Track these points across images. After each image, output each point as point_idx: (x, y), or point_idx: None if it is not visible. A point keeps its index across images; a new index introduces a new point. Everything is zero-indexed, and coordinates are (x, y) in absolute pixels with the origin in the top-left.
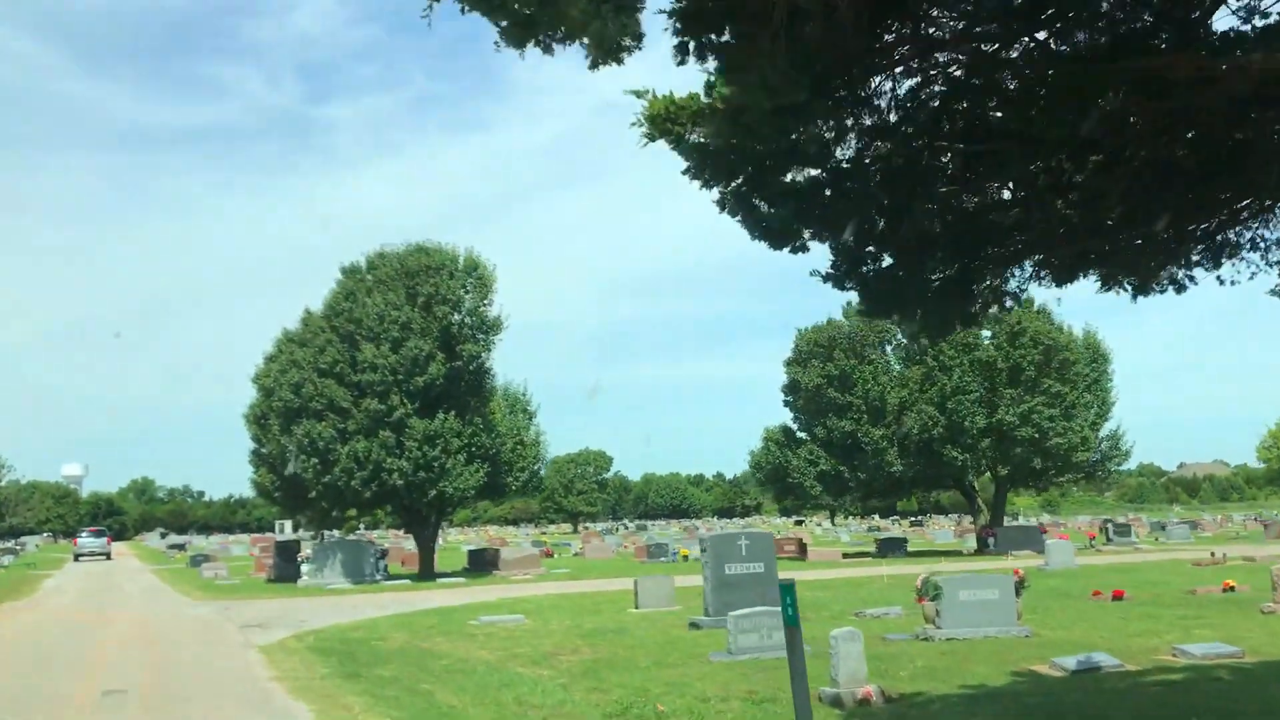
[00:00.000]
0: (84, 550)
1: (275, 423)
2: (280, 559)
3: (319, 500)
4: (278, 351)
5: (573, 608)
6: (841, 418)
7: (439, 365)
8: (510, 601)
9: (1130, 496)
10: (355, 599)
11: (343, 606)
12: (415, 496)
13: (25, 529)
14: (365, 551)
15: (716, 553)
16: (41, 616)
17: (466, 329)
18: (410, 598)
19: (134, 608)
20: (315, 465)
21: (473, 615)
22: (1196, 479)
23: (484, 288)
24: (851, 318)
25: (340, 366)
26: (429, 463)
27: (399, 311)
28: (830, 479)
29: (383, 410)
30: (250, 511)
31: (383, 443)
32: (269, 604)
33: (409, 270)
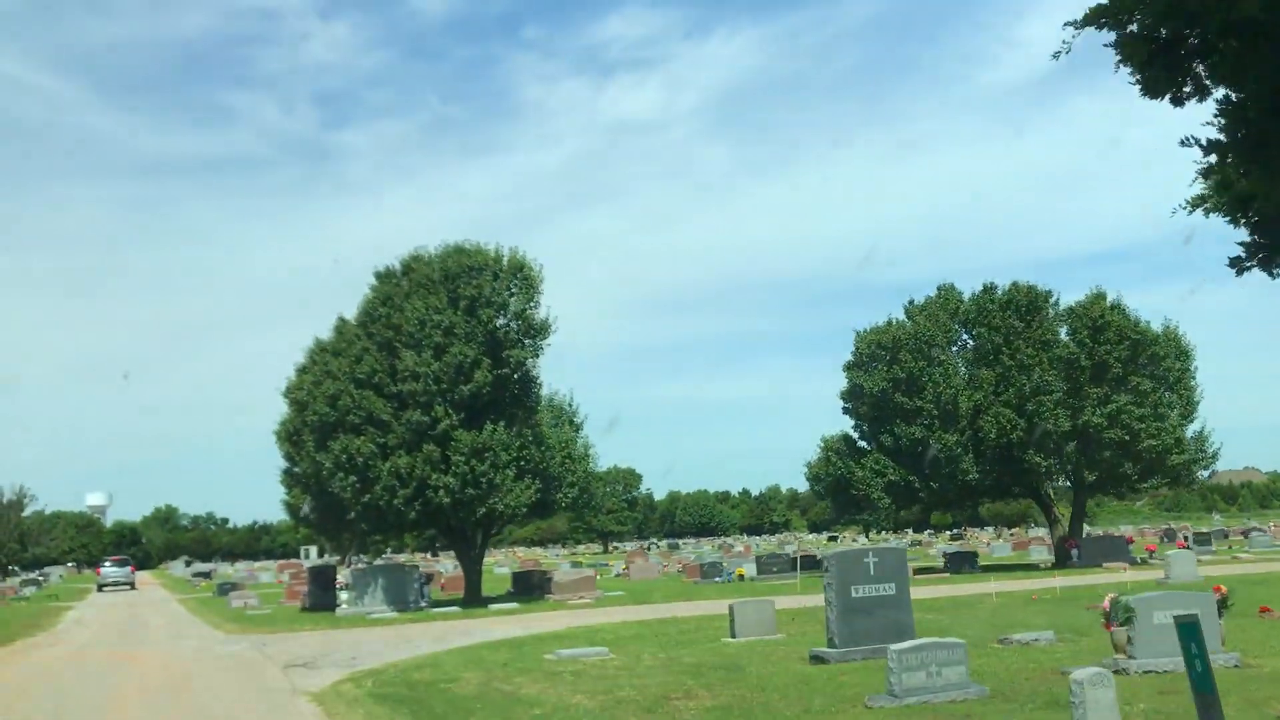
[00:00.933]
0: (107, 580)
1: (309, 439)
2: (315, 586)
3: (358, 521)
4: (310, 363)
5: (657, 637)
6: (910, 424)
7: (485, 372)
8: (582, 631)
9: (1167, 505)
10: (404, 629)
11: (394, 639)
12: (463, 515)
13: (49, 559)
14: (408, 576)
15: (842, 573)
16: (58, 655)
17: (513, 333)
18: (466, 627)
19: (160, 643)
20: (354, 483)
21: (547, 648)
22: (1233, 486)
23: (530, 289)
24: (915, 316)
25: (379, 376)
26: (477, 478)
27: (441, 316)
28: (899, 489)
29: (426, 422)
30: (274, 538)
31: (427, 457)
32: (310, 637)
33: (449, 273)
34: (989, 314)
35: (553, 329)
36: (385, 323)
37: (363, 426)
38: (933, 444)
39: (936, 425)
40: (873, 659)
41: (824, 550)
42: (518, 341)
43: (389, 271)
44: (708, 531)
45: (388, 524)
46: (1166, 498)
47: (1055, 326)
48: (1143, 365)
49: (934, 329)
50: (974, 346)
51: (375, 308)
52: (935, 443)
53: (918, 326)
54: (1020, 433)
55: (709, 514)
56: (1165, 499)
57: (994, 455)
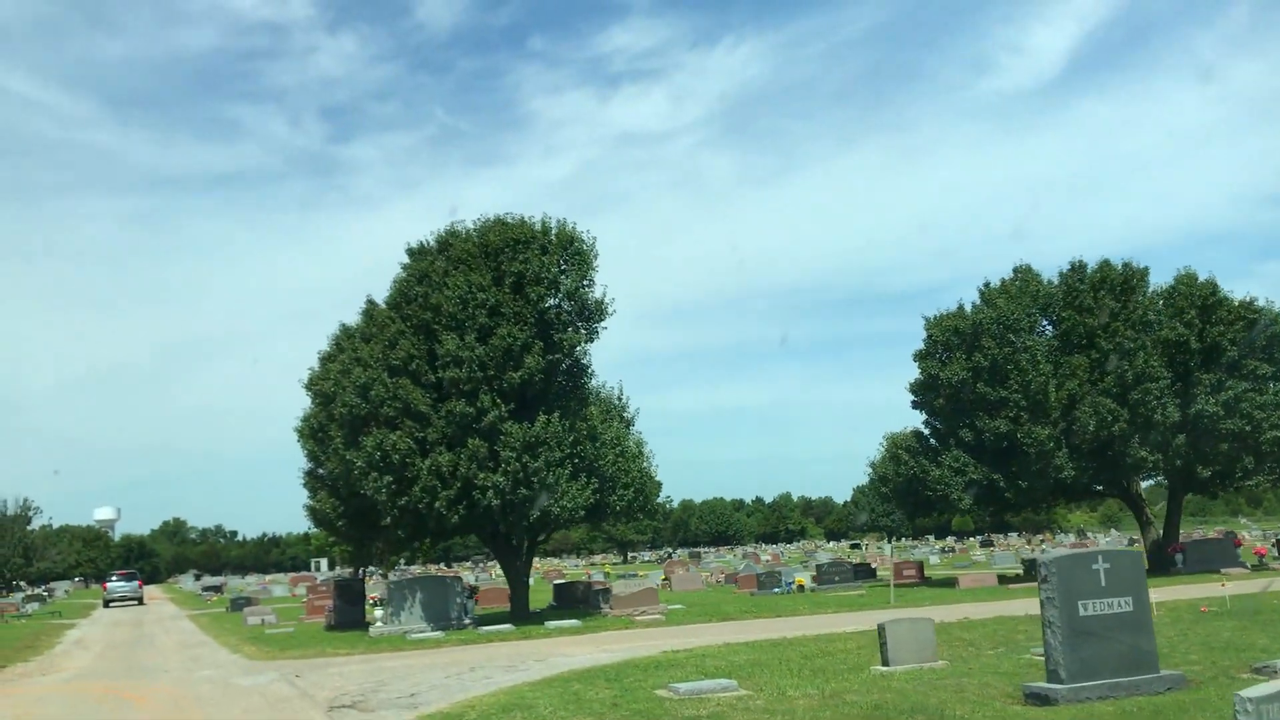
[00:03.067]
0: (114, 595)
1: (337, 435)
2: (342, 601)
3: (394, 527)
4: (336, 350)
5: (781, 665)
6: (994, 416)
7: (536, 357)
8: (684, 657)
9: (1191, 509)
10: (458, 653)
11: (451, 666)
12: (513, 519)
13: (55, 574)
14: (450, 590)
15: (1066, 583)
16: (49, 690)
17: (565, 315)
18: (531, 650)
19: (170, 672)
20: (389, 484)
21: (654, 680)
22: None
23: (583, 266)
24: (995, 299)
25: (416, 363)
26: (529, 477)
27: (485, 294)
28: (982, 489)
29: (471, 413)
30: (284, 550)
31: (472, 453)
32: (348, 664)
33: (491, 247)
34: (1079, 295)
35: (609, 311)
36: (422, 303)
37: (398, 420)
38: (1021, 438)
39: (1025, 418)
40: (1112, 698)
41: (1040, 554)
42: (570, 324)
43: (423, 248)
44: (724, 540)
45: (427, 529)
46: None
47: (1155, 306)
48: (1261, 349)
49: (1018, 311)
50: (1063, 331)
51: (410, 287)
52: (1024, 437)
53: (999, 310)
54: (1123, 424)
55: (725, 522)
56: (1189, 503)
57: (1091, 450)
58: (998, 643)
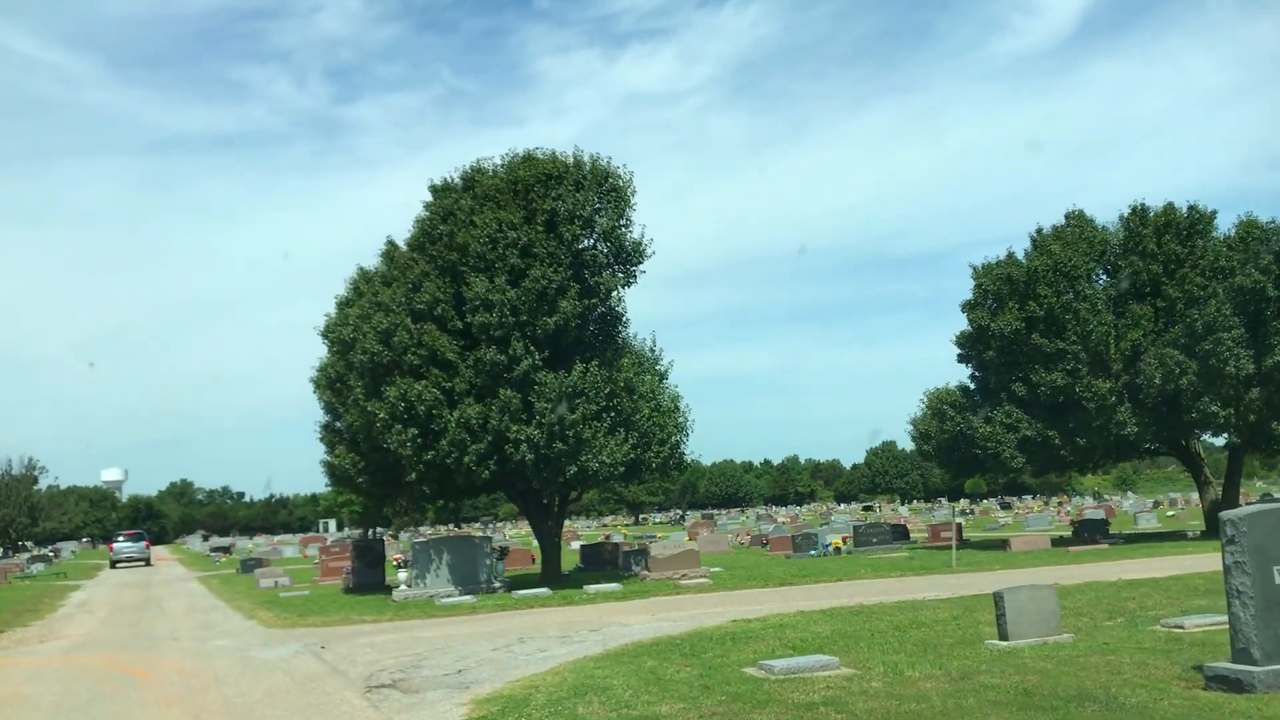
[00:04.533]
0: (120, 556)
1: (357, 385)
2: (361, 563)
3: (419, 484)
4: (354, 294)
5: (875, 637)
6: (1051, 369)
7: (571, 301)
8: (759, 628)
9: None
10: (496, 620)
11: (494, 635)
12: (547, 475)
13: (62, 534)
14: (478, 551)
15: (1259, 544)
16: (45, 662)
17: (601, 257)
18: (577, 617)
19: (180, 642)
20: (415, 437)
21: (736, 654)
22: None
23: (620, 203)
24: (1049, 245)
25: (442, 308)
26: (565, 430)
27: (516, 233)
28: (1035, 447)
29: (502, 362)
30: (292, 511)
31: (504, 404)
32: (380, 634)
33: (521, 184)
34: (1141, 239)
35: (648, 253)
36: (447, 243)
37: (423, 368)
38: (1080, 392)
39: (1084, 370)
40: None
41: (1235, 513)
42: (606, 266)
43: (447, 185)
44: (733, 502)
45: (455, 486)
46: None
47: (1225, 252)
48: None
49: (1075, 258)
50: (1125, 278)
51: (434, 226)
52: (1083, 391)
53: (1054, 257)
54: (1191, 377)
55: (734, 484)
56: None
57: (1156, 404)
58: (1111, 612)
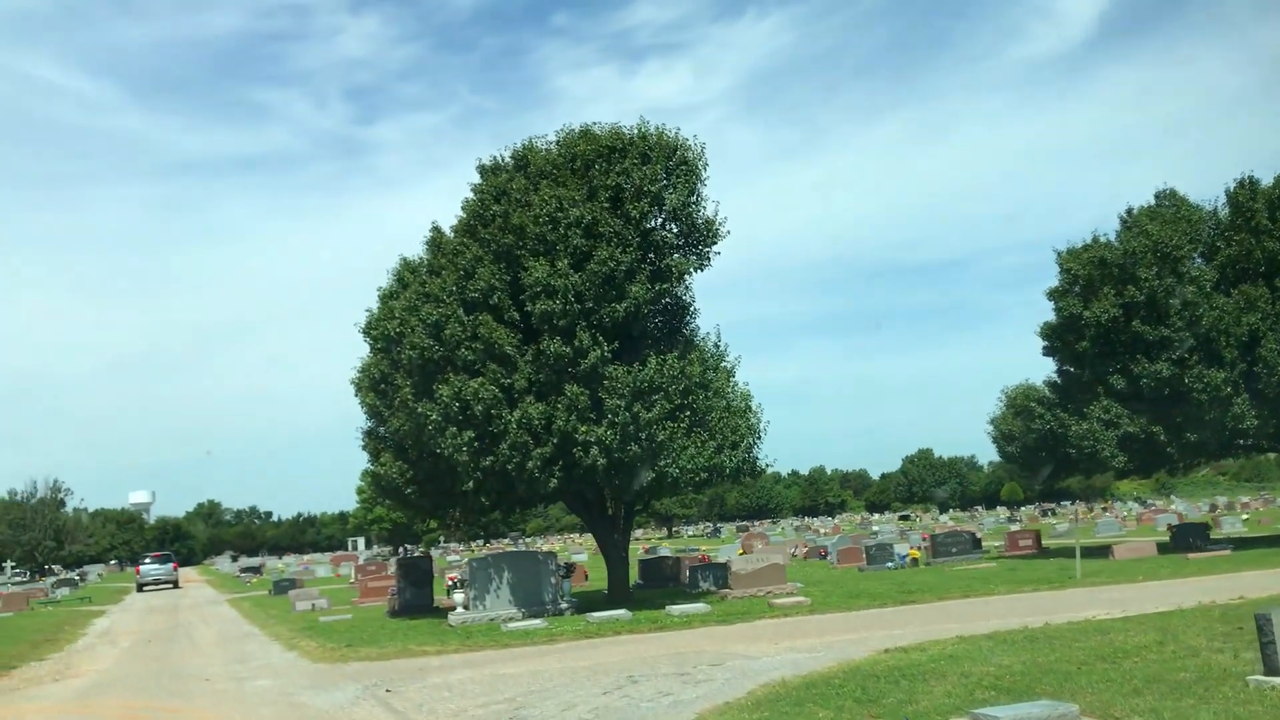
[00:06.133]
0: (147, 579)
1: (405, 384)
2: (408, 583)
3: (476, 493)
4: (398, 286)
5: (1081, 669)
6: (1154, 359)
7: (642, 285)
8: (926, 660)
9: (1247, 475)
10: (587, 652)
11: (597, 675)
12: (621, 482)
13: (89, 557)
14: (542, 568)
15: None
16: (49, 712)
17: (670, 237)
18: (691, 649)
19: (214, 680)
20: (471, 440)
21: (925, 697)
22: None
23: (690, 178)
24: (1145, 225)
25: (498, 296)
26: (639, 431)
27: (579, 210)
28: (1139, 444)
29: (567, 354)
30: (319, 530)
31: (571, 402)
32: (452, 672)
33: (581, 159)
34: (1252, 214)
35: (722, 233)
36: (501, 225)
37: (479, 364)
38: (1190, 383)
39: (1194, 359)
40: None
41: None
42: (676, 247)
43: (497, 164)
44: (764, 514)
45: (515, 495)
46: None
47: None
48: None
49: (1176, 237)
50: (1230, 257)
51: (485, 207)
52: (1193, 381)
53: (1153, 237)
54: None
55: (764, 495)
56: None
57: (1278, 395)
58: None
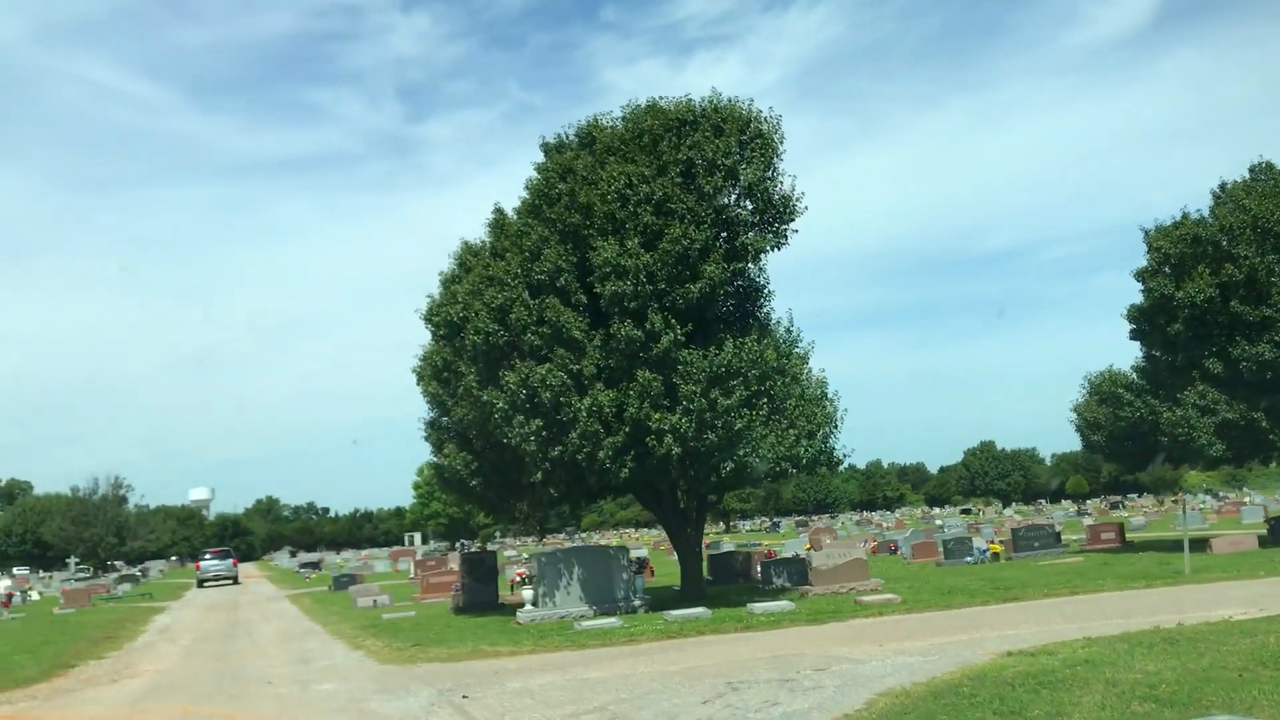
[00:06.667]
0: (207, 575)
1: (469, 372)
2: (472, 579)
3: (544, 485)
4: (460, 270)
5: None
6: (1255, 341)
7: (716, 265)
8: (1060, 666)
9: None
10: (673, 654)
11: (692, 679)
12: (697, 473)
13: (150, 553)
14: (614, 563)
15: None
16: (103, 717)
17: (745, 214)
18: (780, 649)
19: (277, 683)
20: (539, 429)
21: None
22: None
23: (766, 152)
24: (1241, 199)
25: (565, 278)
26: (716, 418)
27: (649, 186)
28: (1238, 431)
29: (639, 338)
30: (376, 525)
31: (644, 388)
32: (528, 673)
33: (649, 134)
34: None
35: (799, 209)
36: (568, 203)
37: (547, 349)
38: None
39: None
40: None
41: None
42: (752, 225)
43: (561, 142)
44: (822, 508)
45: (585, 486)
46: None
47: None
48: None
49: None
50: None
51: (550, 185)
52: None
53: (1250, 212)
54: None
55: (822, 490)
56: None
57: None
58: None
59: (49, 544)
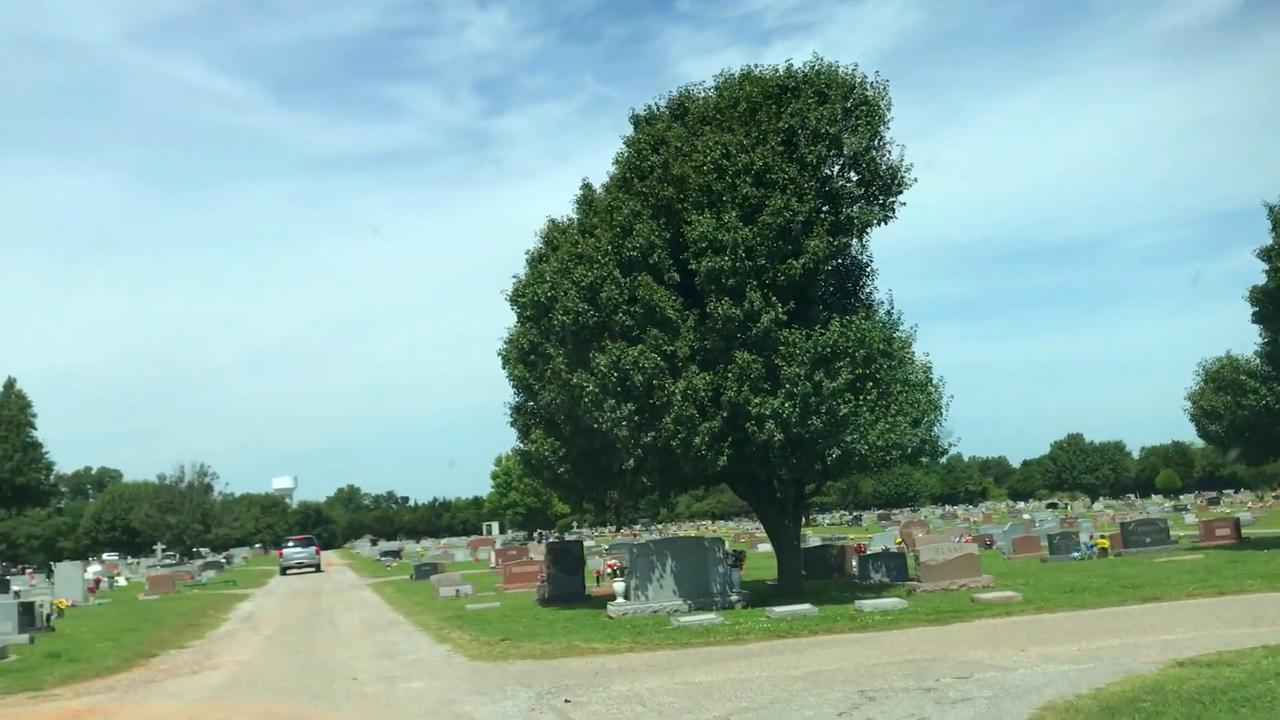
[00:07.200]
0: (290, 562)
1: (558, 354)
2: (558, 569)
3: (637, 472)
4: (547, 249)
5: None
6: None
7: (820, 239)
8: (1242, 677)
9: None
10: (787, 656)
11: (817, 686)
12: (800, 461)
13: (235, 540)
14: (709, 556)
15: None
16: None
17: (850, 186)
18: (908, 653)
19: (361, 679)
20: (631, 414)
21: None
22: None
23: (873, 120)
24: None
25: (657, 254)
26: (821, 403)
27: (748, 156)
28: None
29: (737, 317)
30: (454, 514)
31: (742, 370)
32: (631, 674)
33: (746, 102)
34: None
35: (907, 181)
36: (660, 176)
37: (639, 330)
38: None
39: None
40: None
41: None
42: (856, 198)
43: (653, 114)
44: (902, 501)
45: (679, 475)
46: None
47: None
48: None
49: None
50: None
51: (643, 158)
52: None
53: None
54: None
55: (903, 483)
56: None
57: None
58: None
59: (137, 531)
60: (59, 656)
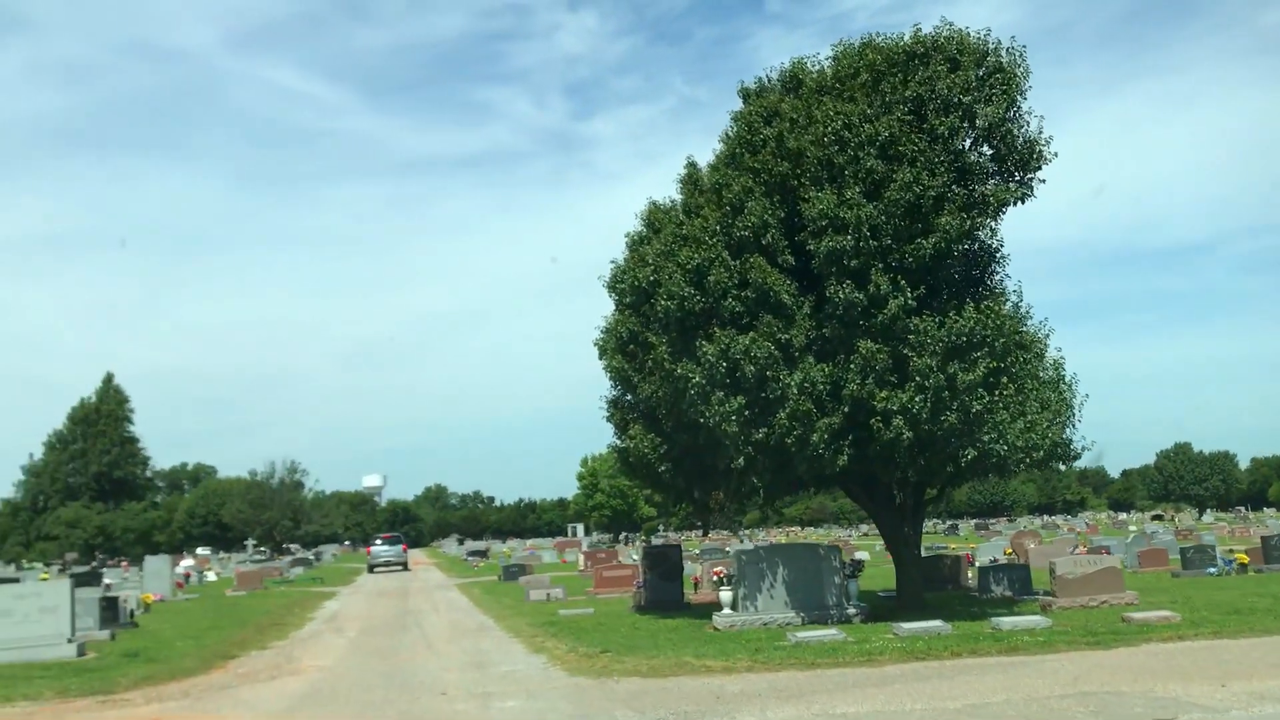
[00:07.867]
0: (378, 560)
1: (660, 343)
2: (655, 575)
3: (746, 472)
4: (649, 232)
5: None
6: None
7: (952, 217)
8: None
9: None
10: (934, 684)
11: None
12: (930, 462)
13: (325, 537)
14: (824, 564)
15: None
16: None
17: (985, 161)
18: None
19: (451, 698)
20: (741, 409)
21: None
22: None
23: (1009, 88)
24: None
25: (771, 234)
26: (953, 398)
27: (872, 126)
28: None
29: (860, 302)
30: (540, 515)
31: (867, 361)
32: (757, 702)
33: (869, 69)
34: None
35: (1047, 157)
36: (774, 150)
37: (750, 316)
38: None
39: None
40: None
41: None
42: (990, 174)
43: (763, 86)
44: (998, 511)
45: (793, 475)
46: None
47: None
48: None
49: None
50: None
51: (754, 131)
52: None
53: None
54: None
55: (1000, 492)
56: None
57: None
58: None
59: (229, 526)
60: (137, 655)
